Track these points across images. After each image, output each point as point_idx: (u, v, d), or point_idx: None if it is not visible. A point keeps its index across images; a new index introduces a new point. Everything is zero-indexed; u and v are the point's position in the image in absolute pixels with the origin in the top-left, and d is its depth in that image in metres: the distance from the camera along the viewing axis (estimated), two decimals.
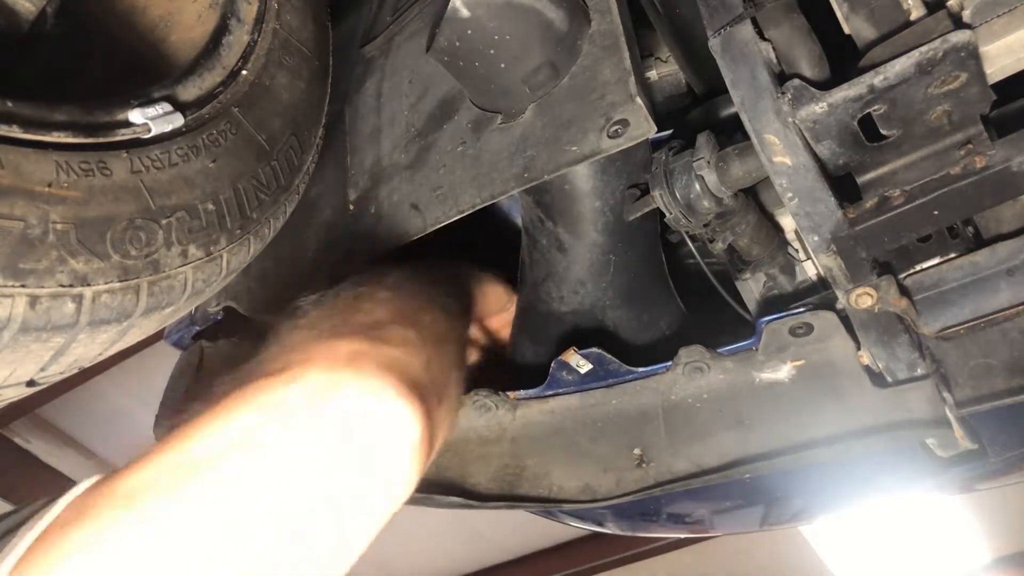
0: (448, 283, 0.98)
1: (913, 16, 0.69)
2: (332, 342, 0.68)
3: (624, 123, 0.83)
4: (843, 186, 0.77)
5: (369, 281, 0.83)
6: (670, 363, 0.95)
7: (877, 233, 0.74)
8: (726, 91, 0.75)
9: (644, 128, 0.82)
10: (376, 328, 0.72)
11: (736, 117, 0.76)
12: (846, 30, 0.74)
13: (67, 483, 0.58)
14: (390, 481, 0.65)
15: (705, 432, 0.93)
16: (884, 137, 0.72)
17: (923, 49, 0.64)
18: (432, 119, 1.03)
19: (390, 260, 0.95)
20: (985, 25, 0.66)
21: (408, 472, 0.66)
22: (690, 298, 1.14)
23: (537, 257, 1.07)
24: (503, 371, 1.12)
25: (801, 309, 0.89)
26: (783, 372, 0.90)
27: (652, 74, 1.14)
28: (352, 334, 0.70)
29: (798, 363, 0.89)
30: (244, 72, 0.87)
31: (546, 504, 1.01)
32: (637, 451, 0.96)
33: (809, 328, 0.87)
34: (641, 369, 0.97)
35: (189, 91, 0.81)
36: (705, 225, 0.92)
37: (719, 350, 0.93)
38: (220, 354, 1.20)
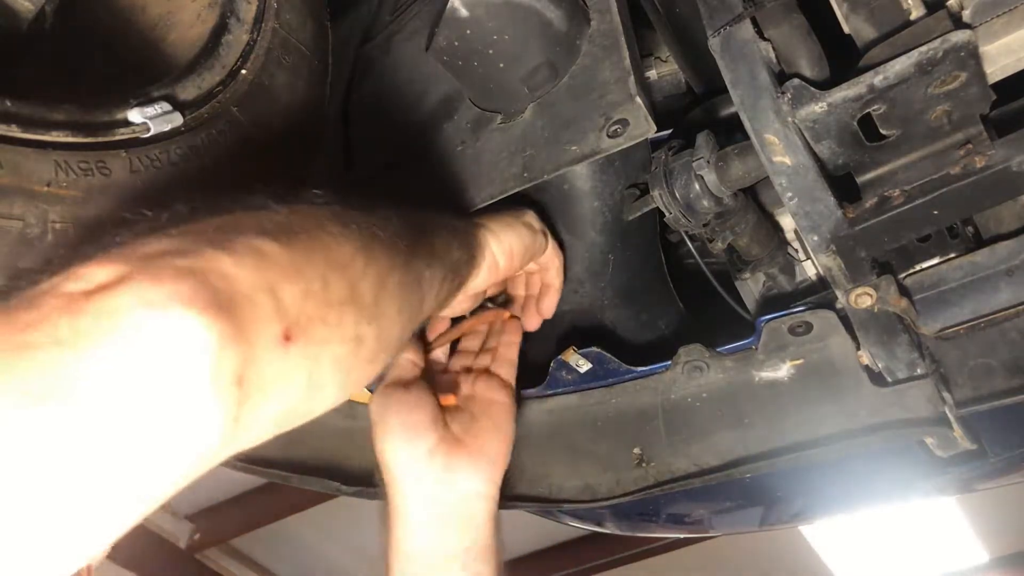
0: (418, 226, 0.73)
1: (913, 16, 0.69)
2: (142, 244, 0.49)
3: (624, 123, 0.83)
4: (843, 186, 0.77)
5: (276, 200, 0.60)
6: (669, 362, 0.95)
7: (877, 233, 0.74)
8: (726, 91, 0.75)
9: (644, 128, 0.82)
10: (217, 232, 0.51)
11: (736, 117, 0.76)
12: (846, 30, 0.73)
13: None
14: (163, 434, 0.44)
15: (705, 431, 0.93)
16: (884, 137, 0.72)
17: (923, 49, 0.64)
18: (432, 119, 1.03)
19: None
20: (985, 25, 0.66)
21: (200, 421, 0.45)
22: (690, 298, 1.14)
23: None
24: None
25: (800, 308, 0.89)
26: (782, 371, 0.90)
27: (652, 74, 1.14)
28: (176, 236, 0.50)
29: (797, 362, 0.90)
30: (243, 72, 0.86)
31: (545, 504, 1.01)
32: (637, 450, 0.96)
33: (808, 327, 0.87)
34: (640, 368, 0.97)
35: (188, 90, 0.81)
36: (704, 225, 0.92)
37: (718, 349, 0.93)
38: None
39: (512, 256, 0.87)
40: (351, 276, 0.58)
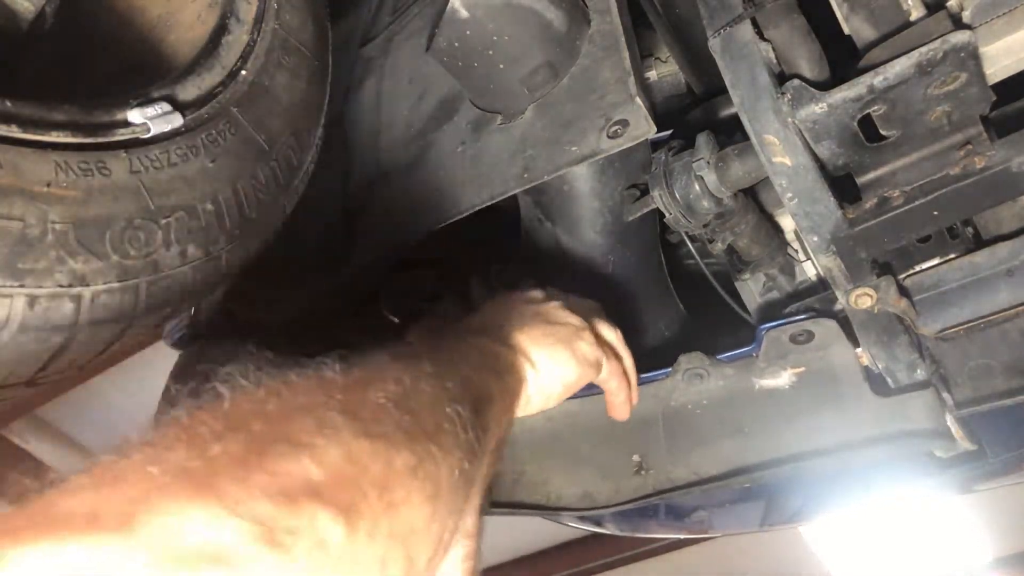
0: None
1: (913, 16, 0.69)
2: (178, 489, 0.34)
3: (624, 123, 0.83)
4: (843, 186, 0.76)
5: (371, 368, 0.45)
6: (670, 369, 0.95)
7: (877, 233, 0.74)
8: (726, 91, 0.75)
9: (644, 128, 0.82)
10: (300, 484, 0.36)
11: (736, 117, 0.76)
12: (846, 30, 0.73)
13: None
14: None
15: (704, 439, 0.93)
16: (884, 137, 0.72)
17: (923, 49, 0.64)
18: (432, 119, 1.03)
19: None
20: (985, 25, 0.66)
21: None
22: (690, 299, 1.14)
23: (536, 257, 1.07)
24: None
25: (802, 316, 0.88)
26: (783, 379, 0.90)
27: (652, 74, 1.14)
28: (237, 480, 0.34)
29: (798, 370, 0.89)
30: (243, 72, 0.86)
31: (544, 511, 1.00)
32: (636, 458, 0.96)
33: (810, 335, 0.87)
34: (641, 375, 0.97)
35: (188, 91, 0.81)
36: (705, 225, 0.92)
37: (719, 357, 0.92)
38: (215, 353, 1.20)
39: (548, 399, 0.71)
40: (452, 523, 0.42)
